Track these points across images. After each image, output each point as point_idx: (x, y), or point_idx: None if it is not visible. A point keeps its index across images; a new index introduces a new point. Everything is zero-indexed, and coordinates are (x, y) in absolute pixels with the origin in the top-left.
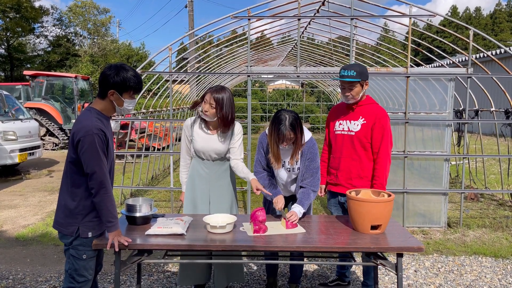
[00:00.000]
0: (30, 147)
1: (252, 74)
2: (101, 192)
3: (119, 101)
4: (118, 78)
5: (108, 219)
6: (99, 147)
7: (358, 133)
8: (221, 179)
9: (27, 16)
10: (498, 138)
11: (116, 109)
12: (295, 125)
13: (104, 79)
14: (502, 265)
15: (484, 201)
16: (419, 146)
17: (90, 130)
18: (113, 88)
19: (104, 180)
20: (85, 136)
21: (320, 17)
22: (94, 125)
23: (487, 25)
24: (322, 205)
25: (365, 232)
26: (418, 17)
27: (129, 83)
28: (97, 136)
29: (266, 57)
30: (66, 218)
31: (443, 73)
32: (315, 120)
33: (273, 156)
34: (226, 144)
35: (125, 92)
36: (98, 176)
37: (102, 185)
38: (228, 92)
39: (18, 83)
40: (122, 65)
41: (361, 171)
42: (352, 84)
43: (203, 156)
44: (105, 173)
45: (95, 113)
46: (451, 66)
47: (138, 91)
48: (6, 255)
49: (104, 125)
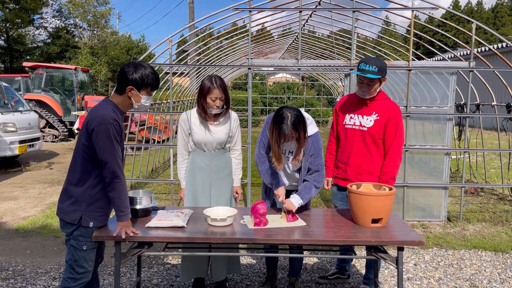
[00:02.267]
0: (30, 139)
1: (252, 67)
2: (114, 181)
3: (137, 97)
4: (136, 75)
5: (120, 208)
6: (113, 136)
7: (370, 129)
8: (222, 170)
9: (27, 7)
10: (499, 132)
11: (133, 105)
12: (298, 124)
13: (123, 76)
14: (502, 259)
15: (484, 195)
16: (420, 140)
17: (105, 119)
18: (131, 84)
19: (117, 169)
20: (100, 125)
21: (321, 9)
22: (110, 115)
23: (489, 18)
24: (323, 198)
25: (366, 226)
26: (420, 10)
27: (147, 80)
28: (111, 126)
29: (266, 50)
30: (70, 205)
31: (444, 67)
32: (315, 113)
33: (274, 156)
34: (226, 131)
35: (142, 89)
36: (112, 166)
37: (115, 174)
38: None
39: (17, 75)
40: (141, 63)
41: (371, 167)
42: (372, 80)
43: (204, 147)
44: (118, 162)
45: (111, 105)
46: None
47: (156, 88)
48: (6, 246)
49: (119, 118)
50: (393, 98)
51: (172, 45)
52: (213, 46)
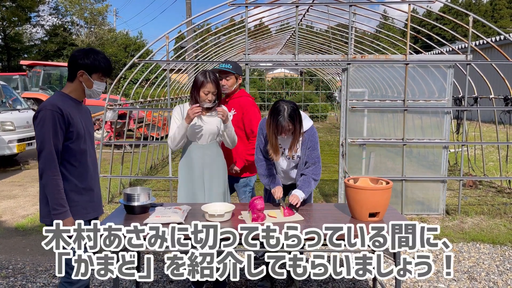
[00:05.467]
0: (28, 138)
1: (250, 63)
2: (46, 173)
3: (89, 82)
4: (87, 60)
5: (52, 205)
6: (52, 124)
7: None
8: (214, 162)
9: (23, 5)
10: (497, 125)
11: (85, 91)
12: (294, 116)
13: (74, 60)
14: (500, 252)
15: (482, 188)
16: (418, 134)
17: (44, 106)
18: (82, 69)
19: (51, 160)
20: (39, 111)
21: (318, 3)
22: (51, 102)
23: (487, 11)
24: (321, 193)
25: (364, 220)
26: (417, 3)
27: (99, 64)
28: (50, 112)
29: (264, 45)
30: (46, 206)
31: (442, 60)
32: (314, 108)
33: (272, 147)
34: (217, 123)
35: (94, 73)
36: (46, 154)
37: (48, 165)
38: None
39: (15, 73)
40: (92, 48)
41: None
42: (228, 74)
43: (197, 139)
44: (53, 152)
45: (61, 95)
46: (451, 53)
47: (107, 73)
48: (6, 245)
49: (67, 105)
50: (391, 92)
51: (170, 41)
52: (210, 42)
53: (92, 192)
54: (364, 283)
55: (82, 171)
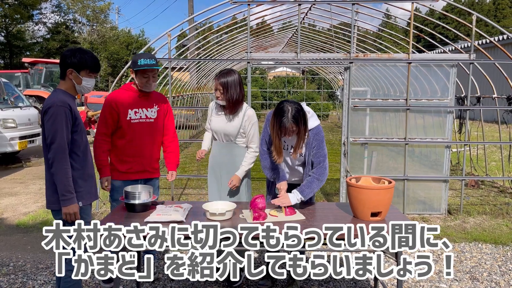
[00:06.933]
0: (30, 135)
1: (252, 61)
2: (57, 163)
3: (78, 79)
4: (75, 58)
5: (62, 192)
6: (62, 119)
7: (156, 120)
8: (228, 163)
9: (26, 2)
10: (500, 125)
11: (76, 87)
12: (298, 118)
13: (63, 60)
14: (502, 252)
15: (484, 188)
16: (420, 133)
17: (54, 102)
18: (71, 67)
19: (62, 152)
20: (50, 107)
21: (321, 2)
22: (59, 98)
23: (490, 11)
24: (323, 192)
25: (365, 219)
26: (420, 2)
27: (86, 62)
28: (61, 108)
29: (266, 43)
30: (54, 194)
31: (445, 59)
32: (316, 107)
33: (275, 149)
34: (235, 125)
35: (82, 70)
36: (57, 146)
37: (59, 156)
38: (234, 75)
39: (17, 71)
40: (80, 48)
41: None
42: (155, 72)
43: (216, 136)
44: (64, 145)
45: (60, 92)
46: (454, 52)
47: (95, 70)
48: (7, 242)
49: (71, 101)
50: (393, 91)
51: (172, 39)
52: (212, 40)
53: (92, 179)
54: (365, 283)
55: (85, 159)
